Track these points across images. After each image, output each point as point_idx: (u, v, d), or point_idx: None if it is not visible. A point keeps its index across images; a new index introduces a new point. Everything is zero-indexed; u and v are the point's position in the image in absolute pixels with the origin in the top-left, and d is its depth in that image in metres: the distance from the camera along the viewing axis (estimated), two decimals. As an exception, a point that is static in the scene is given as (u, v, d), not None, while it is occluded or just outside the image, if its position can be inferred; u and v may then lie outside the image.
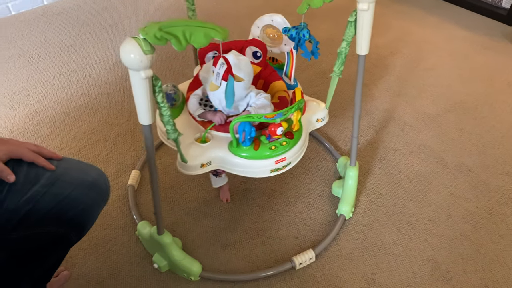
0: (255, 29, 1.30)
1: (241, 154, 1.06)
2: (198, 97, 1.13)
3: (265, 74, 1.26)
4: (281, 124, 1.04)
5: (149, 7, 2.50)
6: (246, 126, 0.99)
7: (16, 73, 2.00)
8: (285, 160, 1.09)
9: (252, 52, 1.26)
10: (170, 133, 0.97)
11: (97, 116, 1.76)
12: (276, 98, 1.18)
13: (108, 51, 2.14)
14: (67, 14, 2.43)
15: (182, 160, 1.05)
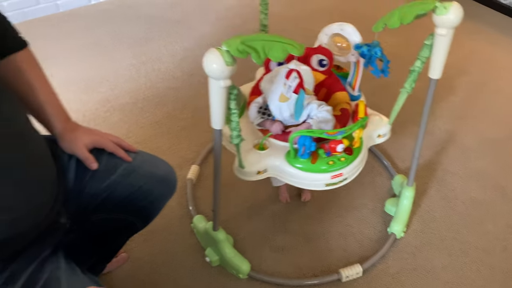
0: (323, 36, 1.31)
1: (298, 166, 1.07)
2: (258, 105, 1.16)
3: (329, 83, 1.27)
4: (342, 141, 1.05)
5: (218, 6, 2.57)
6: (306, 140, 1.01)
7: (90, 61, 2.13)
8: (341, 176, 1.10)
9: (318, 60, 1.27)
10: (233, 138, 1.01)
11: (163, 109, 1.85)
12: (338, 110, 1.18)
13: (176, 46, 2.24)
14: (140, 8, 2.55)
15: (239, 165, 1.09)
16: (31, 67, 0.87)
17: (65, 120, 0.91)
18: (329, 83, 1.25)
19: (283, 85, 1.02)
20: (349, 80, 1.28)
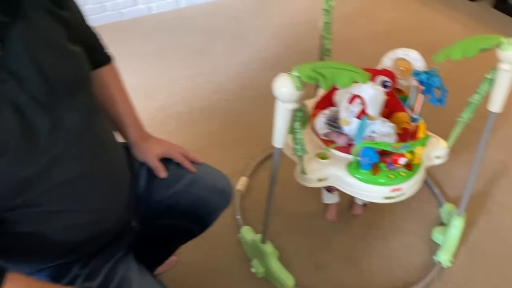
0: (386, 60, 1.34)
1: (358, 176, 1.10)
2: (326, 116, 1.21)
3: (391, 103, 1.29)
4: (405, 155, 1.08)
5: (274, 23, 2.64)
6: (370, 151, 1.04)
7: (150, 69, 2.24)
8: (400, 190, 1.12)
9: (382, 81, 1.30)
10: (297, 151, 1.05)
11: (216, 120, 1.93)
12: (400, 129, 1.21)
13: (231, 59, 2.32)
14: (199, 20, 2.66)
15: (301, 172, 1.13)
16: (115, 81, 0.95)
17: (140, 130, 0.99)
18: (391, 104, 1.28)
19: (345, 109, 1.06)
20: (409, 102, 1.31)
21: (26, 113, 0.61)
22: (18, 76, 0.61)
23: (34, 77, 0.63)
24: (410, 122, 1.25)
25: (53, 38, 0.68)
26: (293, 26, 2.60)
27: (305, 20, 2.64)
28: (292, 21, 2.64)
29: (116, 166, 0.81)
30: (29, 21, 0.63)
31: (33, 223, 0.67)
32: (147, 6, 2.66)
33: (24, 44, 0.62)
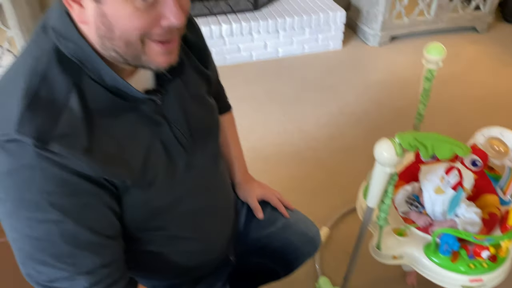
0: (479, 136, 1.34)
1: (436, 261, 1.08)
2: (407, 193, 1.22)
3: (480, 184, 1.27)
4: (488, 248, 1.05)
5: (368, 78, 2.71)
6: (450, 238, 1.03)
7: (246, 111, 2.41)
8: (481, 281, 1.08)
9: (472, 160, 1.30)
10: (380, 219, 1.08)
11: (301, 166, 2.01)
12: (486, 213, 1.18)
13: (322, 110, 2.41)
14: (295, 70, 2.81)
15: (376, 246, 1.14)
16: (231, 127, 1.08)
17: (245, 172, 1.10)
18: (479, 184, 1.26)
19: (441, 178, 1.09)
20: (501, 184, 1.28)
21: (171, 152, 0.74)
22: (169, 121, 0.74)
23: (181, 123, 0.76)
24: (500, 206, 1.21)
25: (198, 92, 0.82)
26: (386, 84, 2.65)
27: (399, 79, 2.68)
28: (386, 79, 2.70)
29: (229, 203, 0.91)
30: (183, 78, 0.77)
31: (160, 245, 0.79)
32: (249, 53, 2.88)
33: (177, 96, 0.76)
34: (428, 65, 1.32)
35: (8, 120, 0.57)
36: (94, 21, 0.58)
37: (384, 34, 3.02)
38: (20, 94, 0.58)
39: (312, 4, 2.97)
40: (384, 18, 2.94)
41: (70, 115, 0.59)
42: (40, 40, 0.62)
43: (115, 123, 0.65)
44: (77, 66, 0.61)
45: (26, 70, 0.60)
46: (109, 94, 0.64)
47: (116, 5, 0.56)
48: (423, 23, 3.09)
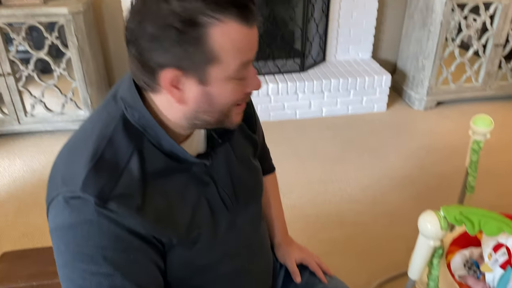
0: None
1: None
2: (464, 258, 1.18)
3: None
4: None
5: (412, 143, 2.69)
6: None
7: (287, 169, 2.44)
8: None
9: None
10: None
11: (342, 229, 1.98)
12: None
13: (364, 172, 2.40)
14: (338, 129, 2.85)
15: None
16: (273, 188, 1.11)
17: (285, 234, 1.11)
18: None
19: (488, 255, 1.05)
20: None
21: (216, 212, 0.78)
22: (217, 182, 0.78)
23: (227, 185, 0.80)
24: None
25: (244, 155, 0.86)
26: (432, 149, 2.61)
27: (445, 145, 2.64)
28: (432, 144, 2.67)
29: (267, 265, 0.92)
30: (232, 142, 0.82)
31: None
32: (293, 111, 2.95)
33: (225, 159, 0.81)
34: (475, 137, 1.31)
35: (76, 178, 0.64)
36: (195, 101, 0.66)
37: (430, 99, 3.02)
38: (89, 155, 0.65)
39: (358, 67, 3.04)
40: (430, 83, 2.96)
41: (129, 176, 0.66)
42: (110, 107, 0.70)
43: (167, 183, 0.71)
44: (140, 132, 0.69)
45: (96, 134, 0.68)
46: (165, 157, 0.70)
47: (221, 85, 0.65)
48: (470, 90, 3.07)
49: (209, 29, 0.60)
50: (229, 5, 0.60)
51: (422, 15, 2.89)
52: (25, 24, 2.41)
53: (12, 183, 2.32)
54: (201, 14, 0.59)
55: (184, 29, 0.59)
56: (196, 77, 0.64)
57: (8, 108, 2.62)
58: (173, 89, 0.65)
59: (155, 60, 0.62)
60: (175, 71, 0.63)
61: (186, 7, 0.58)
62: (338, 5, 2.97)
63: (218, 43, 0.61)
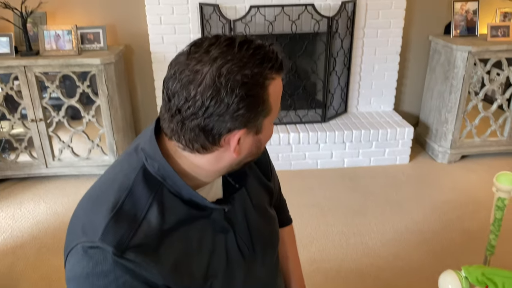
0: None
1: None
2: None
3: None
4: None
5: (436, 196, 2.63)
6: None
7: (307, 219, 2.41)
8: None
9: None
10: None
11: (363, 284, 1.91)
12: None
13: (387, 225, 2.35)
14: (360, 181, 2.82)
15: None
16: (291, 240, 1.10)
17: (302, 287, 1.08)
18: None
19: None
20: None
21: (231, 260, 0.77)
22: (234, 229, 0.79)
23: (244, 232, 0.80)
24: None
25: (260, 203, 0.87)
26: (456, 204, 2.55)
27: (470, 199, 2.57)
28: (456, 198, 2.60)
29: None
30: (248, 187, 0.83)
31: None
32: (315, 161, 2.95)
33: (242, 205, 0.82)
34: (499, 194, 1.28)
35: (96, 229, 0.65)
36: (250, 148, 0.72)
37: (453, 152, 2.98)
38: (109, 206, 0.67)
39: (380, 119, 3.06)
40: (454, 136, 2.93)
41: (147, 226, 0.67)
42: (132, 159, 0.73)
43: (187, 231, 0.72)
44: (159, 182, 0.71)
45: (117, 184, 0.70)
46: (185, 205, 0.72)
47: (268, 130, 0.72)
48: (495, 144, 3.02)
49: (269, 89, 0.67)
50: (278, 65, 0.67)
51: (444, 69, 2.91)
52: (60, 73, 2.54)
53: (35, 225, 2.36)
54: (264, 78, 0.65)
55: (252, 94, 0.65)
56: (254, 129, 0.69)
57: (37, 152, 2.72)
58: (236, 146, 0.69)
59: (222, 128, 0.66)
60: (241, 132, 0.67)
61: (251, 75, 0.64)
62: (360, 59, 3.04)
63: (272, 96, 0.68)
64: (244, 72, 0.63)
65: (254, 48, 0.65)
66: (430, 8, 3.07)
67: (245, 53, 0.64)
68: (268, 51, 0.66)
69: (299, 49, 2.86)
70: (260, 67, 0.64)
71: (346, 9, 2.85)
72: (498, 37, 2.80)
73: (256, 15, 2.72)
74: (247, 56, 0.64)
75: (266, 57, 0.65)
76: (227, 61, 0.63)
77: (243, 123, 0.66)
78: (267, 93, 0.66)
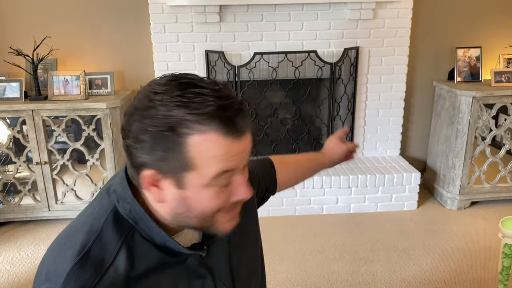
0: None
1: None
2: None
3: None
4: None
5: (446, 245, 2.54)
6: None
7: (312, 267, 2.32)
8: None
9: None
10: None
11: (368, 338, 1.81)
12: None
13: (393, 275, 2.25)
14: (367, 227, 2.74)
15: None
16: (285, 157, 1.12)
17: (321, 154, 1.16)
18: None
19: None
20: None
21: None
22: (214, 274, 0.75)
23: (225, 276, 0.76)
24: None
25: (245, 241, 0.83)
26: (467, 252, 2.44)
27: (481, 247, 2.47)
28: (467, 246, 2.50)
29: None
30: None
31: None
32: (320, 206, 2.90)
33: (222, 248, 0.78)
34: (505, 240, 1.22)
35: (58, 274, 0.62)
36: (172, 202, 0.66)
37: (463, 198, 2.91)
38: (76, 250, 0.64)
39: (386, 164, 3.02)
40: (462, 182, 2.87)
41: (114, 273, 0.64)
42: (103, 201, 0.71)
43: (159, 278, 0.68)
44: (130, 225, 0.68)
45: (86, 228, 0.67)
46: (158, 251, 0.68)
47: (198, 191, 0.64)
48: (506, 190, 2.94)
49: (187, 139, 0.61)
50: (212, 119, 0.60)
51: (449, 114, 2.90)
52: (67, 117, 2.59)
53: (33, 270, 2.31)
54: (182, 124, 0.60)
55: (164, 135, 0.61)
56: (173, 180, 0.64)
57: (41, 195, 2.71)
58: (152, 188, 0.66)
59: (138, 159, 0.64)
60: (153, 171, 0.64)
61: (170, 115, 0.60)
62: (364, 104, 3.05)
63: (195, 151, 0.61)
64: (168, 111, 0.60)
65: (195, 92, 0.61)
66: (433, 54, 3.11)
67: (182, 93, 0.61)
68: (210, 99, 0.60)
69: (302, 94, 2.89)
70: (186, 112, 0.60)
71: (349, 56, 2.90)
72: (502, 82, 2.81)
73: (260, 62, 2.78)
74: (181, 97, 0.61)
75: (200, 104, 0.60)
76: (162, 94, 0.61)
77: (154, 163, 0.63)
78: (184, 143, 0.61)
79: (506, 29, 3.07)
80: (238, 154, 0.65)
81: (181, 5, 2.67)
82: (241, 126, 0.63)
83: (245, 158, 0.67)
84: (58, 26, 2.82)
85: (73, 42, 2.86)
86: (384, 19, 2.88)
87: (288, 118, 3.06)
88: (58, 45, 2.78)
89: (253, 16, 2.79)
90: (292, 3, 2.74)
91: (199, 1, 2.64)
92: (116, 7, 2.85)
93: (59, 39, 2.81)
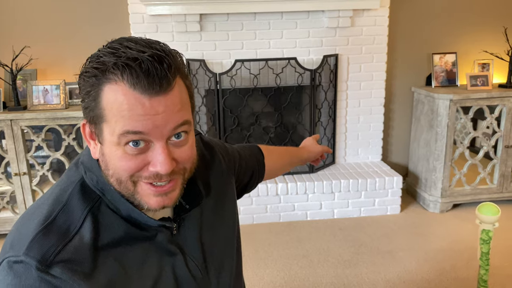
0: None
1: None
2: None
3: None
4: None
5: (429, 246, 2.55)
6: None
7: (297, 271, 2.30)
8: None
9: None
10: None
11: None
12: None
13: (378, 276, 2.25)
14: (351, 232, 2.74)
15: None
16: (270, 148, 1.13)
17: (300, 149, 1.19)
18: None
19: None
20: None
21: (182, 284, 0.72)
22: (184, 252, 0.74)
23: (196, 255, 0.75)
24: None
25: (219, 222, 0.82)
26: (450, 252, 2.46)
27: (464, 248, 2.49)
28: (449, 247, 2.52)
29: None
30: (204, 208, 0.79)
31: None
32: (304, 212, 2.89)
33: (194, 226, 0.77)
34: (482, 226, 1.24)
35: (22, 242, 0.61)
36: (100, 158, 0.67)
37: (445, 201, 2.94)
38: (41, 219, 0.64)
39: (368, 169, 3.04)
40: (444, 185, 2.90)
41: (79, 241, 0.63)
42: (71, 173, 0.71)
43: (126, 252, 0.67)
44: (97, 196, 0.67)
45: (52, 198, 0.67)
46: (125, 223, 0.67)
47: (111, 148, 0.63)
48: (486, 192, 2.99)
49: (104, 86, 0.60)
50: (126, 67, 0.58)
51: (428, 118, 2.95)
52: (46, 126, 2.56)
53: None
54: (103, 71, 0.60)
55: (87, 81, 0.62)
56: (97, 132, 0.65)
57: (20, 208, 2.66)
58: (91, 142, 0.67)
59: (83, 112, 0.66)
60: (85, 121, 0.66)
61: (97, 61, 0.61)
62: (345, 110, 3.09)
63: (107, 101, 0.60)
64: (104, 58, 0.60)
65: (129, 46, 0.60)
66: (410, 60, 3.18)
67: (118, 44, 0.61)
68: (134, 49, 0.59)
69: (284, 101, 2.91)
70: (114, 59, 0.58)
71: (328, 63, 2.94)
72: (477, 86, 2.88)
73: (241, 69, 2.80)
74: (113, 47, 0.60)
75: (123, 53, 0.58)
76: (103, 49, 0.62)
77: (85, 113, 0.64)
78: (102, 92, 0.60)
79: (479, 35, 3.17)
80: (149, 115, 0.59)
81: (162, 14, 2.69)
82: (157, 82, 0.58)
83: (162, 126, 0.61)
84: (38, 36, 2.81)
85: (53, 52, 2.85)
86: (361, 27, 2.94)
87: (270, 126, 3.08)
88: (37, 54, 2.76)
89: (233, 25, 2.82)
90: (272, 11, 2.79)
91: (180, 10, 2.66)
92: (97, 17, 2.86)
93: (39, 49, 2.79)
